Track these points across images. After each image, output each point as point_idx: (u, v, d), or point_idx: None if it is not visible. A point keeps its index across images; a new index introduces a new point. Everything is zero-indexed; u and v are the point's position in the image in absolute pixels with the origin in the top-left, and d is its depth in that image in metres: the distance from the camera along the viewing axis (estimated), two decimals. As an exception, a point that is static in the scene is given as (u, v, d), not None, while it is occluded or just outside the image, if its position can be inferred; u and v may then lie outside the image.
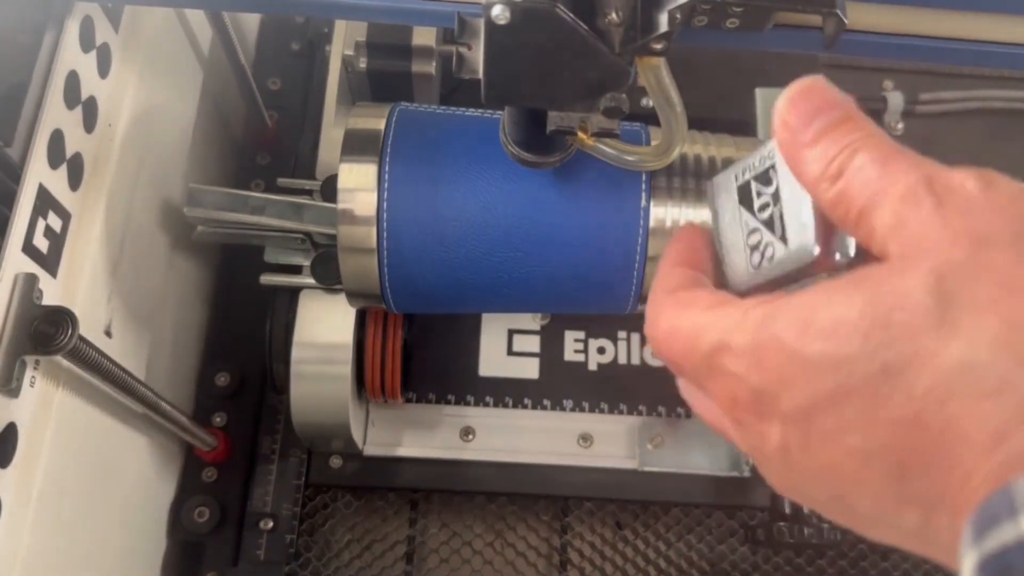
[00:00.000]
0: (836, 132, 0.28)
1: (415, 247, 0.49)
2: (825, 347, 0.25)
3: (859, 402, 0.25)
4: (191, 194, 0.59)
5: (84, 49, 0.48)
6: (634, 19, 0.36)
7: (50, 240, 0.45)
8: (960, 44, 0.42)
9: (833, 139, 0.28)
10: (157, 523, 0.65)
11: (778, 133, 0.29)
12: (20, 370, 0.42)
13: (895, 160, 0.26)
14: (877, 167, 0.26)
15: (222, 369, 0.70)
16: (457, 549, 0.68)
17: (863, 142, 0.27)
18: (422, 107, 0.53)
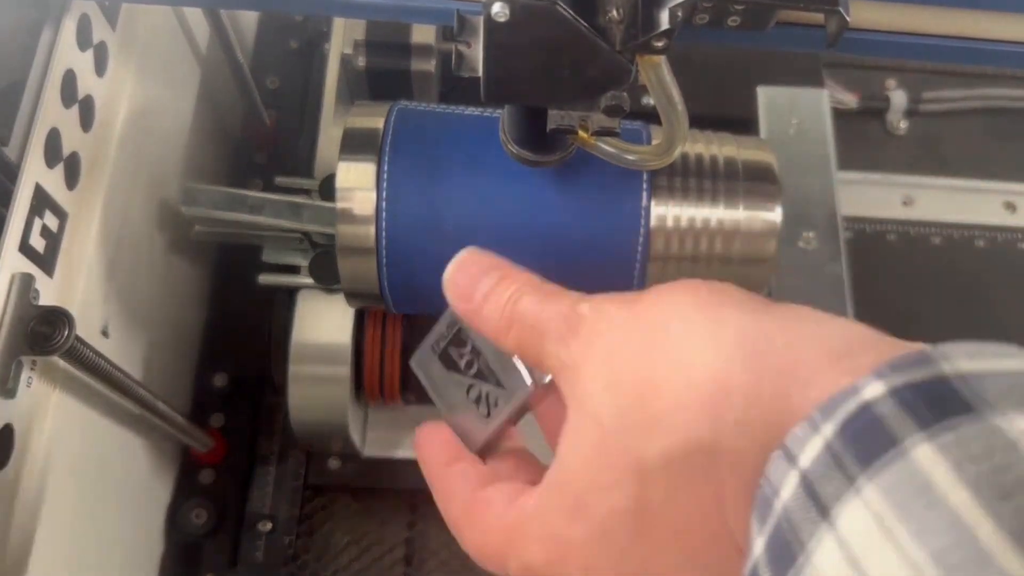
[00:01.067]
0: (497, 289, 0.32)
1: (414, 247, 0.49)
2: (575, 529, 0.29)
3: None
4: (188, 193, 0.59)
5: (81, 47, 0.48)
6: (635, 17, 0.36)
7: (47, 240, 0.45)
8: (964, 43, 0.42)
9: (497, 297, 0.32)
10: (154, 525, 0.64)
11: (454, 304, 0.34)
12: (16, 371, 0.42)
13: (550, 298, 0.31)
14: (536, 308, 0.31)
15: (219, 370, 0.70)
16: (457, 551, 0.68)
17: (521, 291, 0.31)
18: (421, 106, 0.53)
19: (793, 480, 0.23)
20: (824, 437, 0.22)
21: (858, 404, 0.22)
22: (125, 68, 0.54)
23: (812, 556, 0.22)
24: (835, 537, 0.21)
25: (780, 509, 0.23)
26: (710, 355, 0.26)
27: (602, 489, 0.28)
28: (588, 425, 0.28)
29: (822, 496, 0.22)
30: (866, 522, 0.21)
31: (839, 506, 0.21)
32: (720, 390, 0.26)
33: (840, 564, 0.21)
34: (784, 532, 0.23)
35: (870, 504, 0.21)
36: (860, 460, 0.21)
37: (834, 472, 0.22)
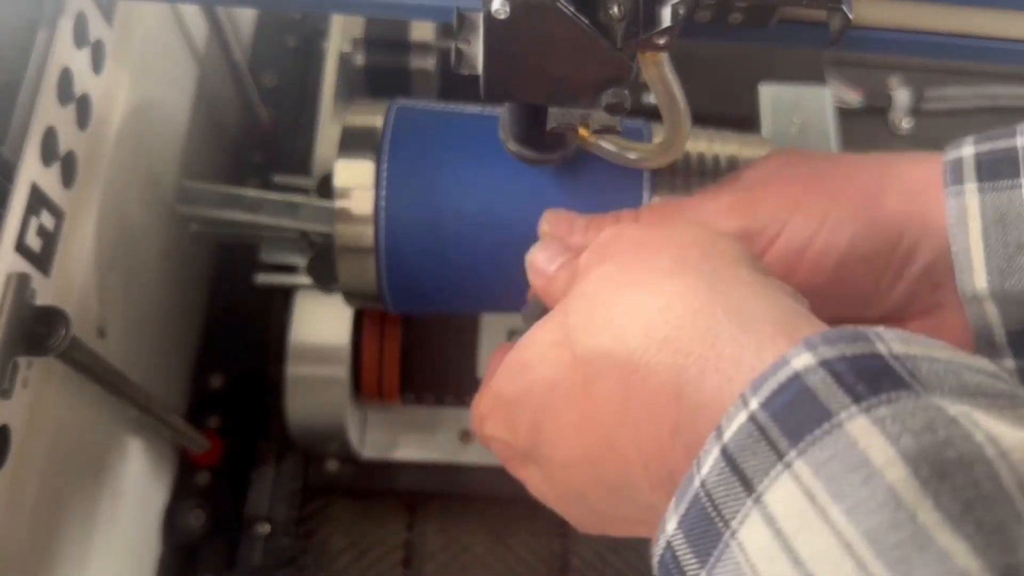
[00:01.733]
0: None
1: (413, 246, 0.49)
2: (519, 382, 0.33)
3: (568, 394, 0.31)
4: (185, 192, 0.59)
5: (78, 45, 0.48)
6: (636, 14, 0.36)
7: (43, 239, 0.44)
8: (967, 40, 0.42)
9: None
10: (151, 527, 0.64)
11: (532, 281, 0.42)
12: (12, 371, 0.41)
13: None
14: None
15: (216, 370, 0.69)
16: (456, 554, 0.68)
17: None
18: (421, 104, 0.52)
19: (714, 454, 0.22)
20: (749, 410, 0.22)
21: (787, 375, 0.22)
22: (122, 66, 0.54)
23: (738, 533, 0.21)
24: (762, 514, 0.21)
25: (698, 485, 0.22)
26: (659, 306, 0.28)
27: (540, 357, 0.32)
28: (558, 318, 0.32)
29: (746, 471, 0.21)
30: (796, 499, 0.20)
31: (766, 482, 0.21)
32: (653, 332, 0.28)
33: (769, 543, 0.20)
34: (705, 509, 0.22)
35: (801, 479, 0.20)
36: (789, 434, 0.21)
37: (759, 446, 0.21)
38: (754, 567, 0.21)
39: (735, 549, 0.21)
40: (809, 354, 0.22)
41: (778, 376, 0.22)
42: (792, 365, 0.22)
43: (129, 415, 0.57)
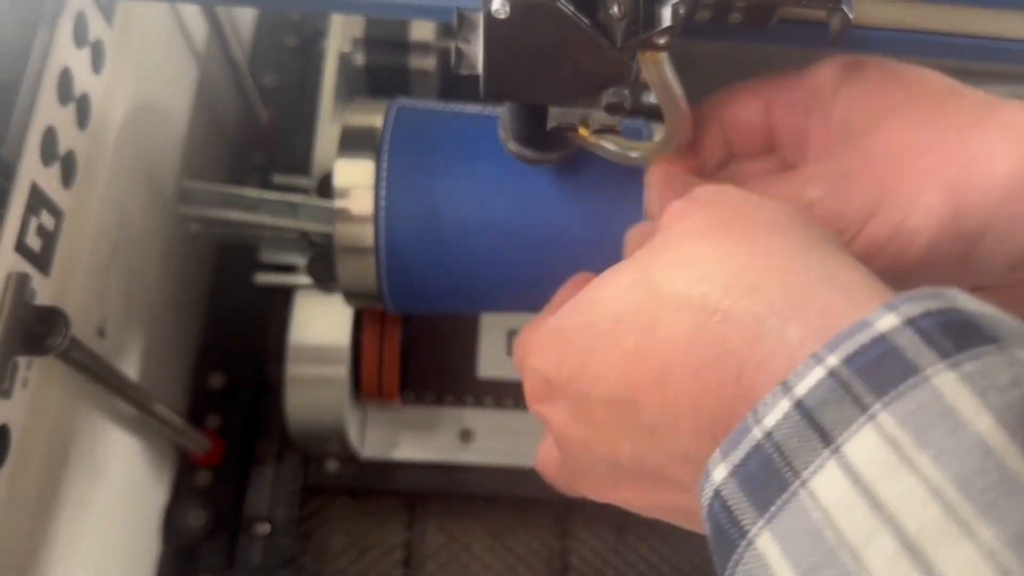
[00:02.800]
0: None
1: (413, 246, 0.49)
2: (585, 318, 0.33)
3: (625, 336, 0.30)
4: (185, 192, 0.59)
5: (78, 45, 0.48)
6: (636, 13, 0.36)
7: (43, 239, 0.44)
8: (969, 40, 0.42)
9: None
10: (151, 526, 0.64)
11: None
12: (12, 371, 0.41)
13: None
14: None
15: (216, 370, 0.69)
16: (456, 554, 0.68)
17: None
18: (420, 103, 0.52)
19: (783, 408, 0.22)
20: (827, 367, 0.22)
21: (871, 336, 0.22)
22: (122, 66, 0.54)
23: (809, 483, 0.21)
24: (840, 464, 0.21)
25: (761, 436, 0.23)
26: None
27: (614, 290, 0.32)
28: (638, 259, 0.33)
29: (824, 424, 0.21)
30: (879, 448, 0.21)
31: (847, 434, 0.21)
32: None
33: (846, 490, 0.21)
34: (770, 460, 0.22)
35: (884, 429, 0.21)
36: (874, 389, 0.21)
37: (841, 401, 0.21)
38: (827, 512, 0.21)
39: (804, 498, 0.21)
40: (893, 314, 0.22)
41: (860, 336, 0.22)
42: (876, 327, 0.22)
43: (129, 415, 0.57)
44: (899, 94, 0.42)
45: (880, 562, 0.20)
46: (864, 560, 0.20)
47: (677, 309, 0.28)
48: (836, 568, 0.20)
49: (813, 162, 0.43)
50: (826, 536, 0.21)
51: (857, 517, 0.20)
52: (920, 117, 0.41)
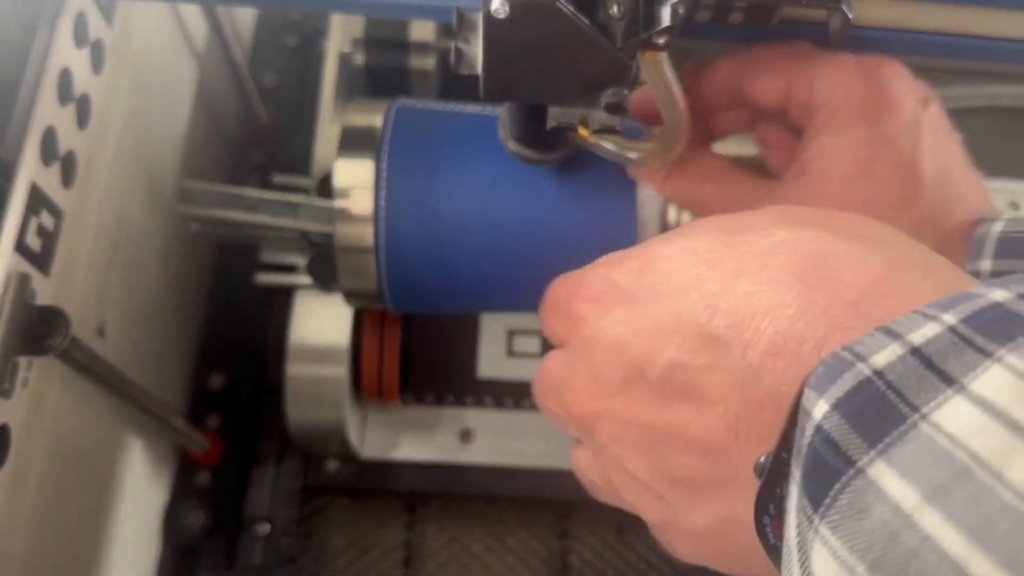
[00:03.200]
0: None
1: (413, 246, 0.49)
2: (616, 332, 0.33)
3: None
4: (185, 192, 0.59)
5: (78, 45, 0.48)
6: (636, 13, 0.36)
7: (43, 239, 0.44)
8: (967, 40, 0.42)
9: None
10: (151, 526, 0.64)
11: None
12: (12, 371, 0.41)
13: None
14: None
15: (216, 370, 0.69)
16: (456, 554, 0.68)
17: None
18: (420, 103, 0.52)
19: (897, 351, 0.23)
20: (944, 323, 0.23)
21: (988, 302, 0.23)
22: (122, 66, 0.54)
23: (930, 416, 0.22)
24: (967, 397, 0.21)
25: (871, 374, 0.23)
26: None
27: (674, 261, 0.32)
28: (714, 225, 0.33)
29: (946, 369, 0.22)
30: (1012, 382, 0.21)
31: (971, 375, 0.22)
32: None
33: (976, 417, 0.21)
34: (884, 396, 0.23)
35: (1016, 368, 0.21)
36: (997, 340, 0.22)
37: (962, 351, 0.22)
38: (955, 439, 0.21)
39: (925, 428, 0.22)
40: (1004, 290, 0.23)
41: (977, 301, 0.23)
42: (991, 296, 0.23)
43: (129, 415, 0.57)
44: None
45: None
46: (1006, 475, 0.20)
47: (778, 248, 0.29)
48: (972, 484, 0.20)
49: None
50: (957, 456, 0.21)
51: (993, 439, 0.21)
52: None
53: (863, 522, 0.22)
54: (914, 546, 0.21)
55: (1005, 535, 0.19)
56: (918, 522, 0.21)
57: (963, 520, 0.20)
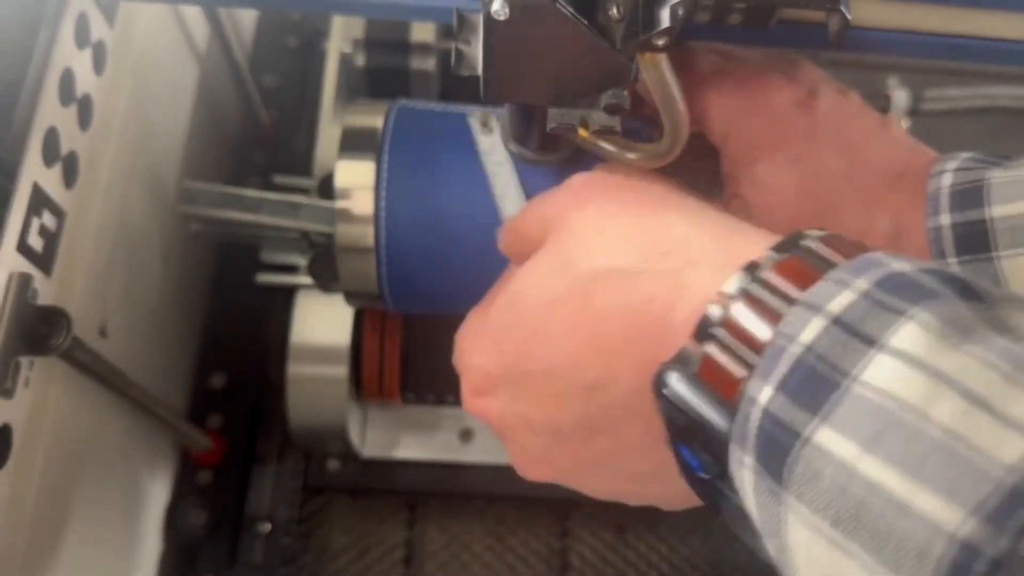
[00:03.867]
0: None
1: (414, 246, 0.49)
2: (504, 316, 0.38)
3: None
4: (186, 192, 0.59)
5: (79, 46, 0.48)
6: (635, 15, 0.36)
7: (45, 239, 0.44)
8: (967, 41, 0.42)
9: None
10: (152, 525, 0.64)
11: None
12: (14, 371, 0.41)
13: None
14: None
15: (218, 370, 0.69)
16: (456, 553, 0.68)
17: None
18: (421, 104, 0.52)
19: (819, 324, 0.25)
20: (858, 289, 0.25)
21: (892, 270, 0.25)
22: (124, 67, 0.54)
23: (860, 376, 0.24)
24: (890, 352, 0.24)
25: (802, 350, 0.25)
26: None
27: (536, 282, 0.36)
28: (551, 251, 0.37)
29: (866, 332, 0.24)
30: (926, 335, 0.23)
31: (889, 332, 0.24)
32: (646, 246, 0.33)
33: (900, 369, 0.23)
34: (815, 369, 0.25)
35: (927, 324, 0.23)
36: (908, 300, 0.24)
37: (879, 312, 0.24)
38: (884, 391, 0.23)
39: (856, 388, 0.24)
40: (905, 261, 0.26)
41: (884, 268, 0.26)
42: (893, 266, 0.26)
43: (130, 414, 0.57)
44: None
45: (949, 417, 0.22)
46: (932, 416, 0.22)
47: (606, 282, 0.33)
48: (903, 428, 0.22)
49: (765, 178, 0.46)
50: (886, 406, 0.23)
51: (916, 385, 0.23)
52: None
53: (819, 484, 0.24)
54: (861, 494, 0.22)
55: (940, 468, 0.21)
56: (862, 471, 0.23)
57: (900, 461, 0.22)
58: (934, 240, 0.41)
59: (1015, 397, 0.22)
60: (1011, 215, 0.39)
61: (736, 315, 0.28)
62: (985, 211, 0.39)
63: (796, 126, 0.44)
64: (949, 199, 0.41)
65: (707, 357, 0.29)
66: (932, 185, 0.42)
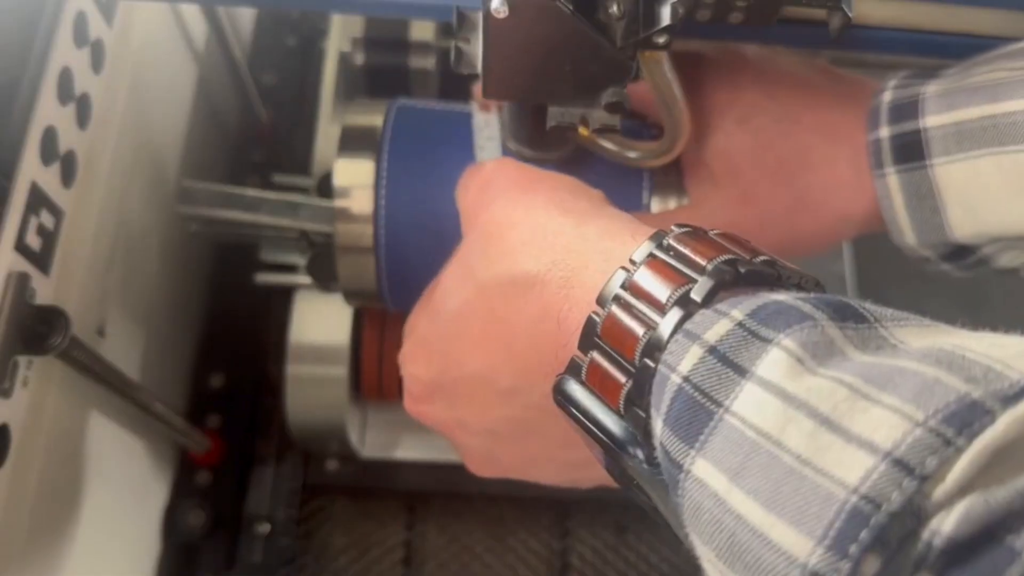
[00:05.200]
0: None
1: (413, 245, 0.49)
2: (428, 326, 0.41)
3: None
4: (184, 191, 0.59)
5: (78, 45, 0.48)
6: (636, 12, 0.36)
7: (43, 238, 0.44)
8: (967, 40, 0.42)
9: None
10: (151, 526, 0.64)
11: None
12: (12, 370, 0.41)
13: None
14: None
15: (216, 370, 0.69)
16: (456, 553, 0.68)
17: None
18: (420, 103, 0.52)
19: (697, 353, 0.25)
20: (734, 319, 0.26)
21: (770, 300, 0.26)
22: (122, 66, 0.54)
23: (731, 406, 0.24)
24: (755, 382, 0.24)
25: (680, 381, 0.26)
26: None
27: (451, 293, 0.38)
28: (459, 260, 0.39)
29: (739, 361, 0.25)
30: (785, 360, 0.24)
31: (757, 362, 0.24)
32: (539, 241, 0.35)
33: (759, 395, 0.23)
34: (693, 399, 0.25)
35: (789, 350, 0.24)
36: (776, 328, 0.25)
37: (751, 342, 0.25)
38: (746, 420, 0.23)
39: (728, 418, 0.24)
40: (784, 292, 0.27)
41: (761, 298, 0.26)
42: (772, 297, 0.26)
43: (129, 414, 0.56)
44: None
45: (800, 439, 0.22)
46: (784, 442, 0.22)
47: (506, 292, 0.35)
48: (761, 457, 0.23)
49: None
50: (748, 435, 0.23)
51: (772, 412, 0.23)
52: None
53: (701, 517, 0.24)
54: (732, 527, 0.23)
55: (791, 496, 0.21)
56: (731, 504, 0.23)
57: (759, 492, 0.22)
58: (874, 152, 0.43)
59: (861, 411, 0.22)
60: (943, 124, 0.40)
61: (612, 323, 0.29)
62: (919, 122, 0.41)
63: (737, 86, 0.46)
64: (887, 113, 0.43)
65: (592, 364, 0.30)
66: (874, 103, 0.44)
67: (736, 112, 0.45)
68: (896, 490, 0.20)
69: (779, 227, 0.46)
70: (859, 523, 0.20)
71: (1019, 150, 0.38)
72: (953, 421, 0.20)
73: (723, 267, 0.28)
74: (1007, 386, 0.21)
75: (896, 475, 0.20)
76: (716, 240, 0.30)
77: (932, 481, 0.20)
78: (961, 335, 0.24)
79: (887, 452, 0.20)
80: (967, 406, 0.20)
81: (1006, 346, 0.22)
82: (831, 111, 0.45)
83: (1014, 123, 0.38)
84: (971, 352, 0.22)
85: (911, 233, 0.43)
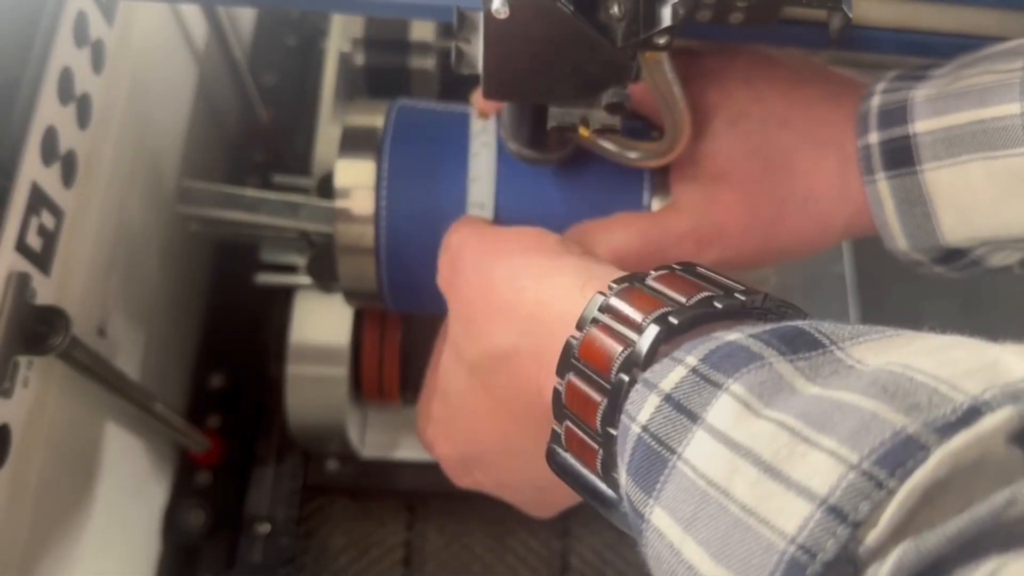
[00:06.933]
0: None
1: (414, 245, 0.49)
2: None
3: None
4: (184, 191, 0.59)
5: (78, 45, 0.48)
6: (636, 13, 0.36)
7: (43, 238, 0.44)
8: (967, 40, 0.42)
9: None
10: (151, 526, 0.64)
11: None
12: (13, 370, 0.41)
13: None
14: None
15: (216, 370, 0.69)
16: (456, 553, 0.68)
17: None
18: (421, 103, 0.52)
19: (654, 402, 0.26)
20: (688, 365, 0.26)
21: (722, 342, 0.26)
22: (122, 66, 0.54)
23: (684, 453, 0.24)
24: (705, 429, 0.24)
25: (639, 431, 0.26)
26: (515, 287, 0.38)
27: (449, 375, 0.42)
28: (449, 341, 0.42)
29: (691, 408, 0.25)
30: (732, 405, 0.24)
31: (708, 408, 0.24)
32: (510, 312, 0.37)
33: (709, 444, 0.24)
34: (650, 448, 0.25)
35: (737, 395, 0.24)
36: (727, 372, 0.25)
37: (703, 388, 0.25)
38: (697, 469, 0.24)
39: (681, 466, 0.24)
40: (737, 333, 0.27)
41: (714, 341, 0.26)
42: (726, 338, 0.26)
43: (129, 414, 0.56)
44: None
45: (745, 488, 0.22)
46: (731, 491, 0.22)
47: (489, 368, 0.37)
48: (710, 506, 0.23)
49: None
50: (698, 484, 0.23)
51: (720, 461, 0.23)
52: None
53: (661, 566, 0.24)
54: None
55: (737, 546, 0.22)
56: (684, 554, 0.23)
57: (708, 542, 0.22)
58: (864, 158, 0.43)
59: (800, 455, 0.22)
60: (932, 129, 0.40)
61: (572, 391, 0.31)
62: (909, 127, 0.41)
63: (727, 88, 0.46)
64: (877, 118, 0.43)
65: (568, 432, 0.31)
66: (862, 108, 0.44)
67: (725, 114, 0.45)
68: (831, 538, 0.20)
69: (764, 230, 0.45)
70: (796, 574, 0.20)
71: (1008, 154, 0.38)
72: (886, 461, 0.20)
73: (655, 325, 0.29)
74: (949, 412, 0.20)
75: (830, 523, 0.20)
76: (653, 288, 0.31)
77: (865, 527, 0.20)
78: (918, 348, 0.24)
79: (823, 499, 0.20)
80: (901, 443, 0.20)
81: (958, 362, 0.22)
82: (821, 114, 0.45)
83: (1003, 128, 0.38)
84: (919, 373, 0.22)
85: (903, 238, 0.43)
